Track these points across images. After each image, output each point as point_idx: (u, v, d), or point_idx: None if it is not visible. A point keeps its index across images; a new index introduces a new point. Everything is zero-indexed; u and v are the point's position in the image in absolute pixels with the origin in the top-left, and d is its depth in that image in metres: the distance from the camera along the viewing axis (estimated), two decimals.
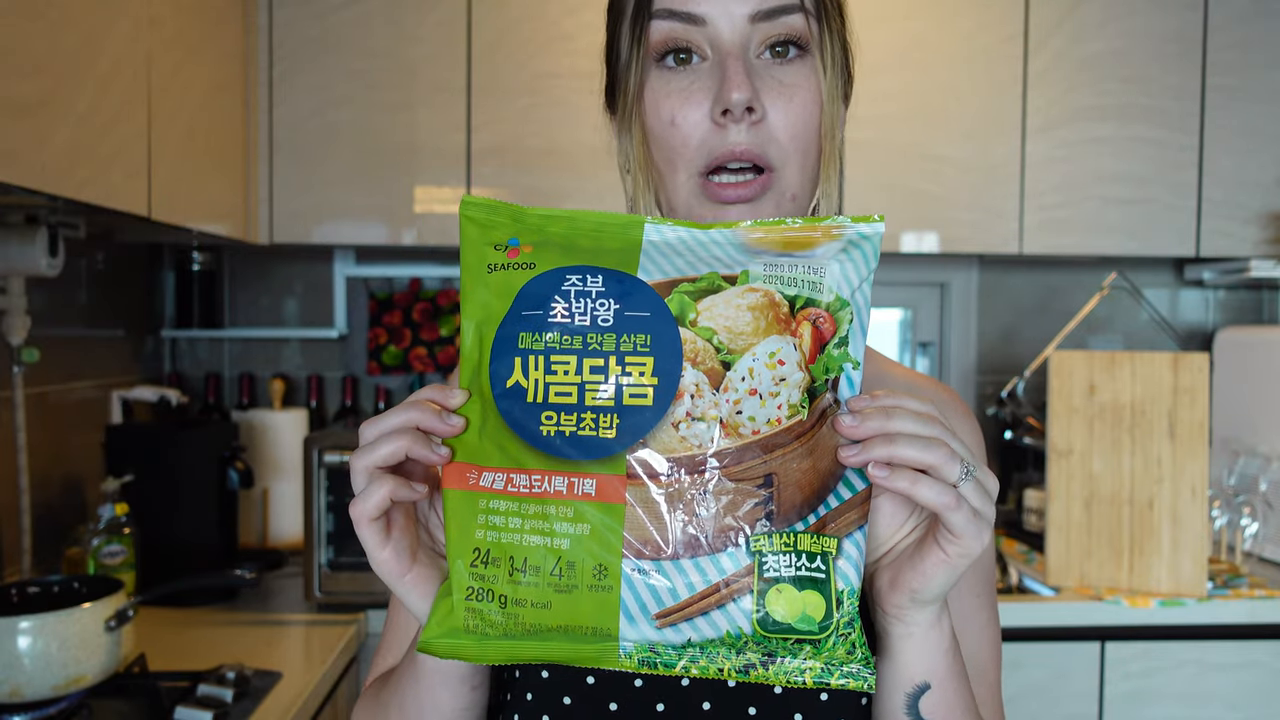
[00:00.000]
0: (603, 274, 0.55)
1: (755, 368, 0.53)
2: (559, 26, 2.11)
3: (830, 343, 0.55)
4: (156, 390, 2.07)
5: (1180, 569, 1.93)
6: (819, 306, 0.55)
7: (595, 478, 0.53)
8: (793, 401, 0.54)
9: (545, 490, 0.53)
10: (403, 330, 2.45)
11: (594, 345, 0.53)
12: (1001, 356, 2.62)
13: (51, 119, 1.28)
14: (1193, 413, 1.93)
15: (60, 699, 1.30)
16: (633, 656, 0.53)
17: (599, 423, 0.53)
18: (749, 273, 0.55)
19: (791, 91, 0.68)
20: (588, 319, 0.54)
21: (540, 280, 0.55)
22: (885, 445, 0.53)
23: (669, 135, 0.69)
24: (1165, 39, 2.22)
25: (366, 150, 2.10)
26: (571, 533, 0.53)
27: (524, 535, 0.53)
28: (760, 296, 0.54)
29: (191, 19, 1.75)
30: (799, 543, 0.53)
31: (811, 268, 0.55)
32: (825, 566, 0.53)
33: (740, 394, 0.53)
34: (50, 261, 1.59)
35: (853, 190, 2.17)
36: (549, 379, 0.53)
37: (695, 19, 0.68)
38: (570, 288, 0.54)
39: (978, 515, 0.54)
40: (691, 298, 0.54)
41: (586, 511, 0.53)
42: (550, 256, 0.56)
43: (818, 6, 0.69)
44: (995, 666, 0.75)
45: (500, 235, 0.57)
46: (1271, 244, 2.25)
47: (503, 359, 0.55)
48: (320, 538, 1.88)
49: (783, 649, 0.53)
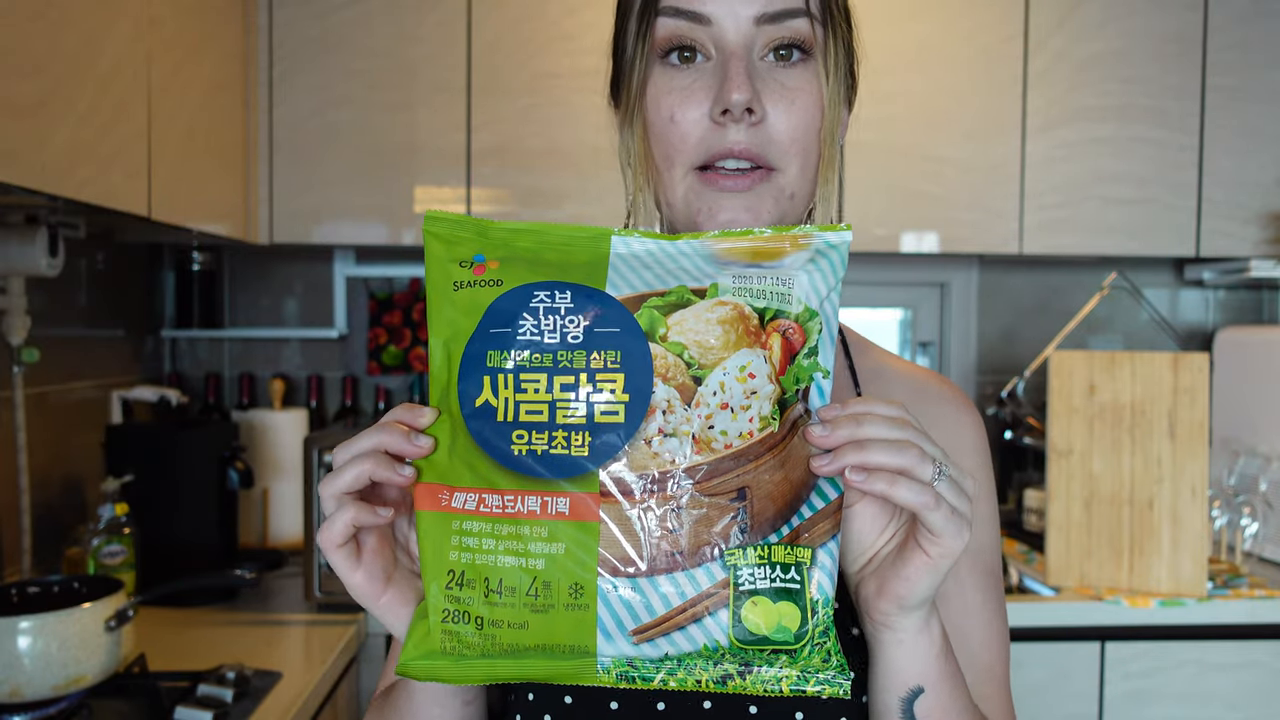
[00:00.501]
0: (571, 289, 0.54)
1: (726, 381, 0.53)
2: (559, 26, 2.11)
3: (800, 353, 0.55)
4: (156, 390, 2.07)
5: (1180, 569, 1.93)
6: (788, 318, 0.55)
7: (568, 496, 0.53)
8: (764, 414, 0.54)
9: (518, 510, 0.53)
10: (403, 330, 2.45)
11: (564, 363, 0.53)
12: (1001, 356, 2.62)
13: (51, 119, 1.28)
14: (1193, 413, 1.93)
15: (60, 699, 1.30)
16: (610, 671, 0.53)
17: (570, 441, 0.53)
18: (718, 285, 0.55)
19: (793, 95, 0.68)
20: (557, 336, 0.53)
21: (508, 297, 0.54)
22: (856, 452, 0.54)
23: (668, 132, 0.69)
24: (1165, 39, 2.22)
25: (366, 150, 2.10)
26: (546, 552, 0.53)
27: (498, 556, 0.53)
28: (730, 310, 0.54)
29: (191, 19, 1.75)
30: (773, 554, 0.53)
31: (780, 279, 0.55)
32: (800, 576, 0.53)
33: (712, 408, 0.53)
34: (50, 261, 1.59)
35: (853, 190, 2.17)
36: (519, 397, 0.53)
37: (701, 18, 0.68)
38: (539, 304, 0.54)
39: (955, 513, 0.54)
40: (661, 312, 0.54)
41: (560, 530, 0.52)
42: (517, 272, 0.55)
43: (824, 11, 0.69)
44: (1003, 664, 0.75)
45: (465, 251, 0.56)
46: (1271, 244, 2.25)
47: (471, 378, 0.54)
48: None
49: (759, 659, 0.53)
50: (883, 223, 2.19)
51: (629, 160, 0.74)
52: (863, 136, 2.16)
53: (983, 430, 0.80)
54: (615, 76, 0.76)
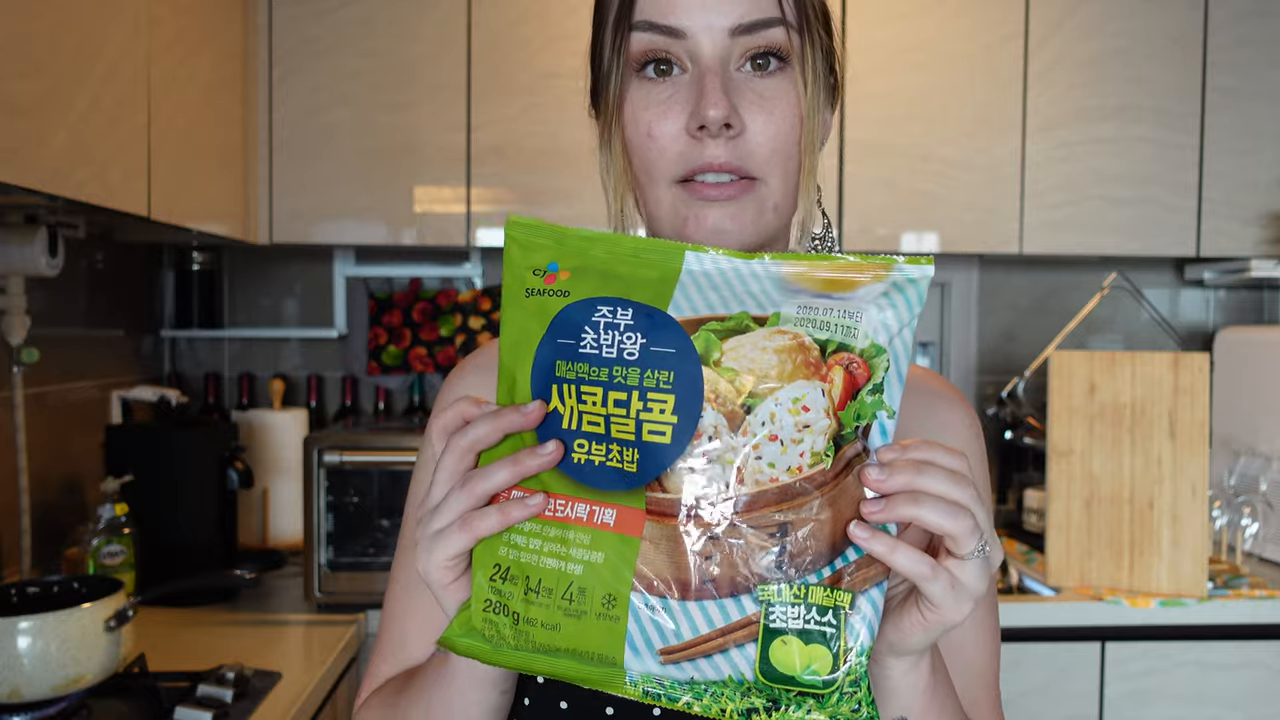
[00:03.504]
0: (633, 307, 0.54)
1: (777, 413, 0.52)
2: (559, 26, 2.11)
3: (864, 389, 0.53)
4: (156, 390, 2.07)
5: (1180, 569, 1.92)
6: (852, 352, 0.53)
7: (615, 508, 0.53)
8: (816, 449, 0.52)
9: (567, 516, 0.54)
10: (402, 330, 2.45)
11: (618, 379, 0.53)
12: (1001, 356, 2.62)
13: (51, 119, 1.28)
14: (1193, 413, 1.93)
15: (60, 699, 1.30)
16: (638, 685, 0.53)
17: (623, 456, 0.53)
18: (780, 315, 0.54)
19: (771, 105, 0.67)
20: (614, 351, 0.54)
21: (573, 309, 0.55)
22: (910, 505, 0.51)
23: (646, 147, 0.68)
24: (1166, 39, 2.22)
25: (366, 150, 2.10)
26: (586, 559, 0.53)
27: (541, 557, 0.54)
28: (788, 339, 0.53)
29: (191, 19, 1.75)
30: (811, 595, 0.52)
31: (847, 311, 0.54)
32: (836, 621, 0.52)
33: (760, 439, 0.52)
34: (50, 261, 1.59)
35: (853, 190, 2.17)
36: (581, 407, 0.54)
37: (675, 32, 0.67)
38: (600, 319, 0.54)
39: (956, 586, 0.52)
40: (718, 336, 0.53)
41: (602, 540, 0.53)
42: (586, 284, 0.56)
43: (800, 19, 0.68)
44: (993, 668, 0.75)
45: (540, 259, 0.57)
46: (1271, 244, 2.25)
47: (541, 383, 0.55)
48: (320, 538, 1.88)
49: (786, 698, 0.52)
50: (883, 222, 2.19)
51: (609, 171, 0.73)
52: (863, 136, 2.16)
53: (979, 431, 0.79)
54: (594, 87, 0.76)
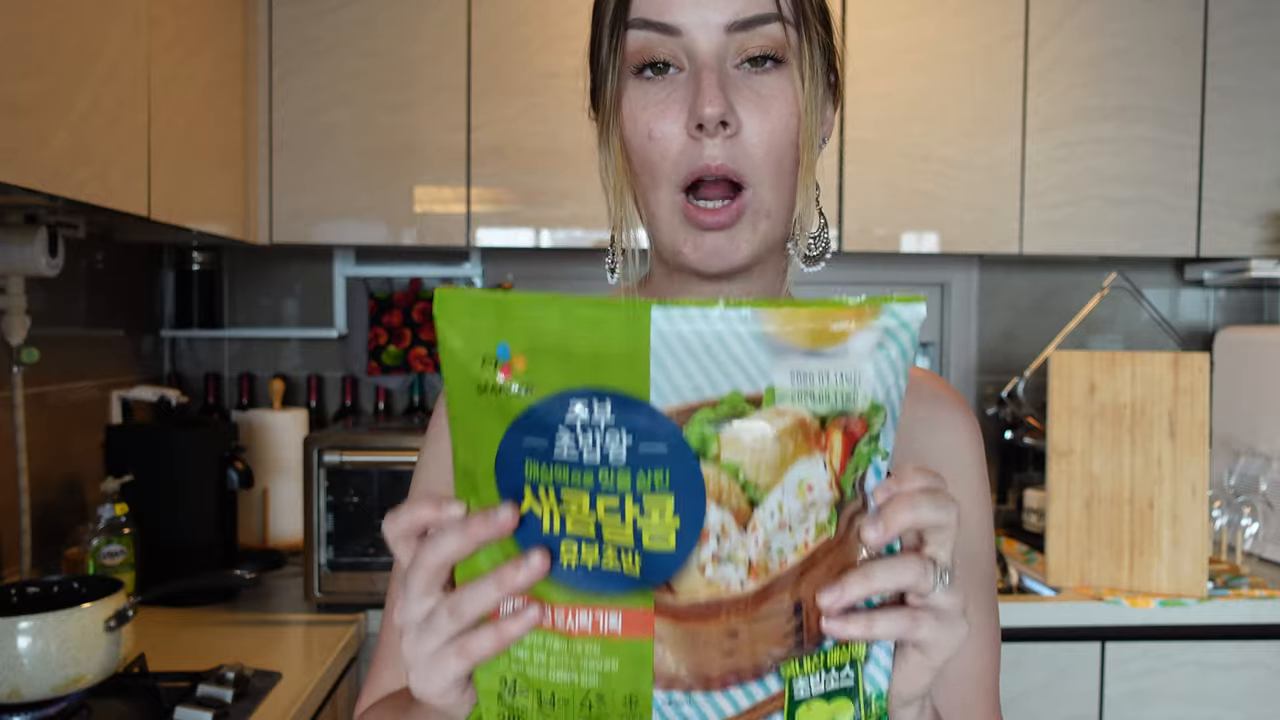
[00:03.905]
0: (610, 399, 0.48)
1: (785, 501, 0.49)
2: (559, 26, 2.11)
3: (860, 440, 0.51)
4: (156, 390, 2.07)
5: (1180, 569, 1.92)
6: (851, 416, 0.50)
7: (620, 611, 0.50)
8: (820, 520, 0.50)
9: (571, 629, 0.50)
10: (402, 330, 2.45)
11: (606, 485, 0.48)
12: (1001, 356, 2.62)
13: (51, 119, 1.28)
14: (1193, 413, 1.93)
15: (60, 699, 1.30)
16: None
17: (622, 560, 0.49)
18: (775, 391, 0.49)
19: (768, 103, 0.67)
20: (597, 455, 0.48)
21: (540, 409, 0.49)
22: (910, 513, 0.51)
23: (647, 149, 0.68)
24: (1166, 39, 2.22)
25: (366, 150, 2.10)
26: (600, 669, 0.51)
27: (550, 670, 0.51)
28: (788, 420, 0.49)
29: (191, 19, 1.75)
30: (828, 658, 0.51)
31: (845, 376, 0.49)
32: (854, 673, 0.52)
33: (770, 531, 0.49)
34: (50, 261, 1.59)
35: (853, 190, 2.17)
36: (562, 509, 0.49)
37: (670, 29, 0.66)
38: (575, 419, 0.48)
39: (941, 617, 0.51)
40: (713, 427, 0.48)
41: (614, 648, 0.50)
42: (547, 372, 0.49)
43: (797, 15, 0.67)
44: (992, 672, 0.75)
45: (487, 343, 0.49)
46: (1271, 244, 2.25)
47: (510, 485, 0.50)
48: (320, 538, 1.88)
49: None
50: (883, 222, 2.19)
51: (608, 171, 0.72)
52: (863, 136, 2.16)
53: (978, 433, 0.79)
54: (593, 86, 0.76)
